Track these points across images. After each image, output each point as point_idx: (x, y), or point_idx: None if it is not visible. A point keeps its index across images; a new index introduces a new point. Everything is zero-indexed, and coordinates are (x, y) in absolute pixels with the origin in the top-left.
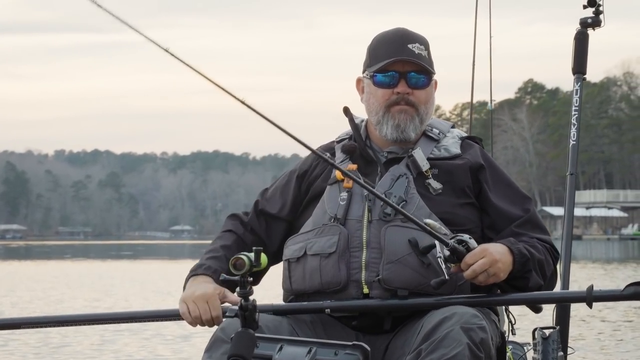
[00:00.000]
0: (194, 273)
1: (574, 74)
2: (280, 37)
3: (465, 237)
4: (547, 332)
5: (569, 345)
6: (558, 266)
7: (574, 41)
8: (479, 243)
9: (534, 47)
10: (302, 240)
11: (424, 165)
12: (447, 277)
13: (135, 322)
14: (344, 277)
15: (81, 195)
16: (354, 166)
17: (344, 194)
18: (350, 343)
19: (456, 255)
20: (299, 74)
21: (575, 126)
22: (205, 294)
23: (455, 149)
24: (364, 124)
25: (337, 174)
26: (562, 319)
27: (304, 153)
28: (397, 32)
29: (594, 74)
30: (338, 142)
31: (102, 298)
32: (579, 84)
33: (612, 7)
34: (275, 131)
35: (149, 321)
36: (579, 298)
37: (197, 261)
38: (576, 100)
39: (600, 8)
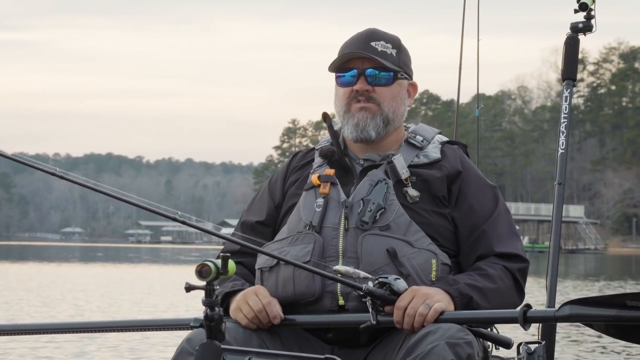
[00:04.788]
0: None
1: (563, 80)
2: (177, 41)
3: (391, 278)
4: (532, 347)
5: None
6: (546, 279)
7: (564, 46)
8: (454, 252)
9: (431, 58)
10: (276, 248)
11: (404, 173)
12: (373, 321)
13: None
14: (319, 287)
15: None
16: (332, 171)
17: (320, 200)
18: (322, 356)
19: (380, 299)
20: (196, 78)
21: (564, 134)
22: (246, 292)
23: (435, 154)
24: (342, 131)
25: (314, 179)
26: (548, 333)
27: (199, 158)
28: (364, 31)
29: (489, 88)
30: (318, 149)
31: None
32: (569, 90)
33: (508, 22)
34: (170, 134)
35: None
36: (511, 319)
37: (85, 265)
38: (565, 107)
39: (592, 13)
